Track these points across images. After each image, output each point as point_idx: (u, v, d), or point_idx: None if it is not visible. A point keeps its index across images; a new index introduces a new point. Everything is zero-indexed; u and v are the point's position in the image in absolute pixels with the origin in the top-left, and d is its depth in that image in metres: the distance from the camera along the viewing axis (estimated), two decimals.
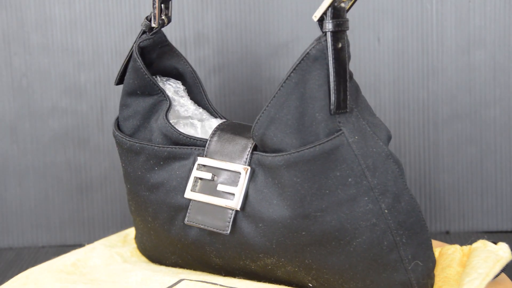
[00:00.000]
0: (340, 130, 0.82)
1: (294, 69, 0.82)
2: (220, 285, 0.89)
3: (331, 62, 0.81)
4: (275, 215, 0.84)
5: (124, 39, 1.20)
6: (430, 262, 0.85)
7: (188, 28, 1.19)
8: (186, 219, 0.90)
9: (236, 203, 0.87)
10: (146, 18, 0.97)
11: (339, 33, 0.81)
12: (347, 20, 0.82)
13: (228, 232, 0.87)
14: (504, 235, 1.20)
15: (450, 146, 1.20)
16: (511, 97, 1.19)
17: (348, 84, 0.82)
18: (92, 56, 1.20)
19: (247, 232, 0.87)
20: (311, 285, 0.87)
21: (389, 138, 0.85)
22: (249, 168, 0.86)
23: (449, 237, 1.20)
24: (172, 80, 0.99)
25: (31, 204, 1.23)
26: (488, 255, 0.90)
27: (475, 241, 0.97)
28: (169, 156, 0.91)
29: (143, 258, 1.01)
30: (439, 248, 0.95)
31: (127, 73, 0.96)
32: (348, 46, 0.82)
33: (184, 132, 0.92)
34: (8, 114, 1.21)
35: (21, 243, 1.24)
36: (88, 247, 1.03)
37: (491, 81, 1.19)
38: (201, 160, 0.89)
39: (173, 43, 1.19)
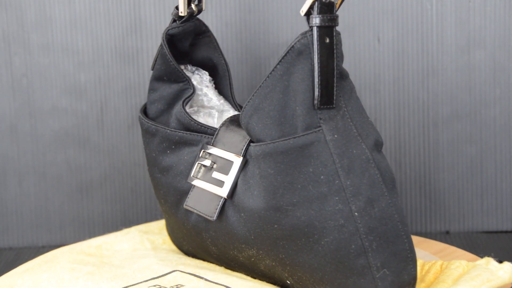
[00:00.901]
0: (319, 126, 0.82)
1: (280, 61, 0.82)
2: (206, 279, 0.91)
3: (316, 57, 0.81)
4: (252, 206, 0.85)
5: (124, 39, 1.20)
6: (405, 275, 0.82)
7: None
8: (185, 203, 0.92)
9: (224, 191, 0.88)
10: (176, 7, 0.98)
11: (326, 28, 0.81)
12: (337, 16, 0.81)
13: (214, 218, 0.89)
14: (504, 235, 1.20)
15: (450, 146, 1.20)
16: (511, 97, 1.19)
17: (336, 81, 0.82)
18: (92, 56, 1.20)
19: (232, 221, 0.88)
20: (288, 282, 0.88)
21: (377, 143, 0.84)
22: (241, 158, 0.87)
23: (449, 237, 1.20)
24: (201, 70, 1.00)
25: (31, 204, 1.23)
26: (480, 273, 0.86)
27: (484, 256, 0.95)
28: (180, 141, 0.93)
29: (173, 247, 1.03)
30: (441, 261, 0.92)
31: (157, 59, 0.98)
32: (340, 44, 0.82)
33: (203, 121, 0.94)
34: (8, 114, 1.21)
35: (21, 243, 1.24)
36: (123, 231, 1.06)
37: (491, 81, 1.19)
38: (207, 148, 0.90)
39: None
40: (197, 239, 0.95)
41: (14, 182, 1.23)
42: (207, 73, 1.00)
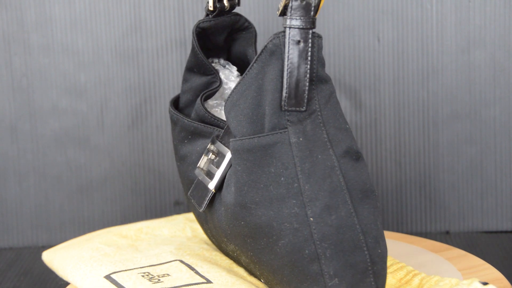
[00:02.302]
0: (286, 128, 0.81)
1: (255, 60, 0.83)
2: (196, 271, 0.92)
3: (286, 58, 0.81)
4: (228, 201, 0.86)
5: (124, 39, 1.20)
6: None
7: (188, 28, 1.19)
8: (189, 192, 0.93)
9: (213, 184, 0.89)
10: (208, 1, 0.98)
11: (300, 30, 0.81)
12: (313, 19, 0.81)
13: (202, 209, 0.90)
14: (504, 235, 1.20)
15: (450, 146, 1.20)
16: (511, 97, 1.19)
17: (312, 85, 0.82)
18: (92, 56, 1.20)
19: (218, 214, 0.89)
20: (262, 280, 0.88)
21: (350, 151, 0.82)
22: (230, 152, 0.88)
23: (449, 237, 1.20)
24: (231, 65, 1.00)
25: (31, 204, 1.23)
26: None
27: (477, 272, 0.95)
28: (195, 132, 0.94)
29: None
30: (437, 277, 0.92)
31: (190, 51, 0.99)
32: (318, 48, 0.82)
33: (223, 115, 0.95)
34: (8, 114, 1.21)
35: (21, 243, 1.24)
36: (170, 217, 1.08)
37: (491, 81, 1.19)
38: (215, 141, 0.91)
39: (173, 43, 1.19)
40: (203, 229, 0.97)
41: (14, 182, 1.23)
42: (235, 68, 1.00)
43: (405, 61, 1.19)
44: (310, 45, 0.81)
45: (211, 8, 0.97)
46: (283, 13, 0.82)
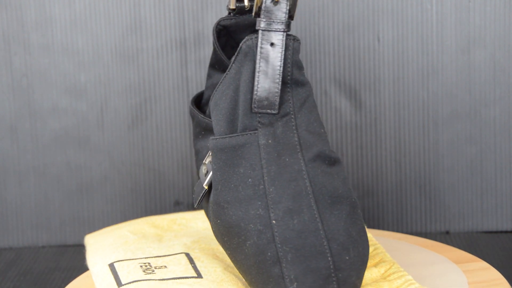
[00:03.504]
0: (256, 129, 0.82)
1: (233, 61, 0.83)
2: (193, 265, 0.93)
3: (258, 60, 0.81)
4: (210, 199, 0.87)
5: (124, 39, 1.20)
6: None
7: (188, 28, 1.19)
8: (194, 187, 0.95)
9: (205, 181, 0.89)
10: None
11: (273, 32, 0.81)
12: (286, 22, 0.81)
13: (195, 205, 0.91)
14: (504, 235, 1.20)
15: (450, 146, 1.20)
16: (511, 97, 1.19)
17: (286, 88, 0.82)
18: (92, 56, 1.20)
19: (207, 211, 0.90)
20: (244, 279, 0.89)
21: (321, 156, 0.82)
22: None
23: (449, 237, 1.20)
24: None
25: (31, 204, 1.23)
26: None
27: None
28: (207, 128, 0.94)
29: None
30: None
31: (212, 47, 1.00)
32: (293, 51, 0.82)
33: None
34: (8, 114, 1.21)
35: (21, 243, 1.24)
36: None
37: (491, 81, 1.19)
38: None
39: (173, 43, 1.19)
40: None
41: (14, 182, 1.23)
42: None
43: (405, 61, 1.19)
44: (283, 47, 0.81)
45: (232, 7, 0.97)
46: (257, 14, 0.82)
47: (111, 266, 0.95)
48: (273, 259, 0.81)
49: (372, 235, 1.03)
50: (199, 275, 0.91)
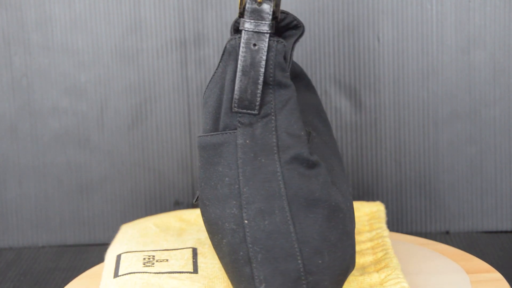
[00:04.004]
0: (235, 129, 0.82)
1: (220, 60, 0.83)
2: (194, 260, 0.94)
3: (240, 60, 0.81)
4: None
5: (124, 39, 1.20)
6: None
7: (188, 28, 1.19)
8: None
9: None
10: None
11: (255, 33, 0.81)
12: (270, 24, 0.81)
13: (193, 202, 0.92)
14: (504, 235, 1.20)
15: (450, 146, 1.20)
16: (511, 97, 1.19)
17: (268, 90, 0.82)
18: (92, 56, 1.20)
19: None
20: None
21: (298, 158, 0.81)
22: None
23: (449, 237, 1.20)
24: None
25: (31, 204, 1.23)
26: None
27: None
28: None
29: None
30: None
31: None
32: (277, 53, 0.82)
33: None
34: (8, 114, 1.21)
35: (21, 243, 1.24)
36: None
37: (491, 81, 1.19)
38: None
39: (173, 43, 1.19)
40: None
41: (14, 182, 1.23)
42: None
43: (405, 61, 1.19)
44: (265, 48, 0.81)
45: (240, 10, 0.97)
46: (242, 14, 0.82)
47: (118, 257, 0.96)
48: (244, 258, 0.81)
49: (396, 239, 1.03)
50: (195, 271, 0.91)
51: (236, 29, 0.96)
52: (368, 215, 1.06)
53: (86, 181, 1.22)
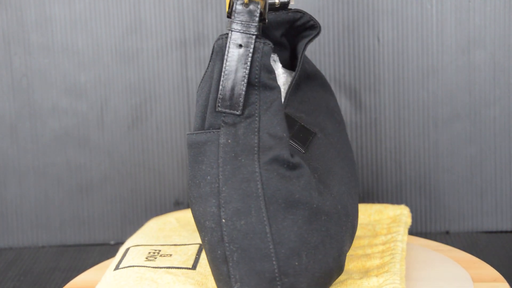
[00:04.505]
0: (219, 128, 0.82)
1: (210, 59, 0.84)
2: (197, 257, 0.95)
3: (226, 60, 0.82)
4: None
5: (124, 39, 1.20)
6: None
7: (188, 28, 1.19)
8: None
9: None
10: None
11: (242, 34, 0.81)
12: (258, 25, 0.81)
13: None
14: (503, 235, 1.20)
15: (450, 146, 1.20)
16: (511, 97, 1.19)
17: (253, 91, 0.82)
18: (92, 56, 1.20)
19: None
20: None
21: (278, 159, 0.81)
22: None
23: (449, 237, 1.20)
24: (277, 63, 1.00)
25: (31, 204, 1.23)
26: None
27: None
28: None
29: None
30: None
31: None
32: (263, 55, 0.82)
33: None
34: (8, 114, 1.21)
35: (21, 243, 1.24)
36: None
37: (491, 81, 1.19)
38: None
39: (173, 43, 1.19)
40: None
41: (14, 182, 1.23)
42: (280, 65, 1.00)
43: (405, 61, 1.19)
44: (251, 50, 0.81)
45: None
46: (229, 14, 0.82)
47: (127, 250, 0.98)
48: (222, 257, 0.81)
49: (418, 244, 1.03)
50: (193, 267, 0.92)
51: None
52: (391, 218, 1.06)
53: (86, 181, 1.22)
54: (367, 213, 1.08)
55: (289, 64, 0.97)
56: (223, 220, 0.81)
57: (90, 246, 1.23)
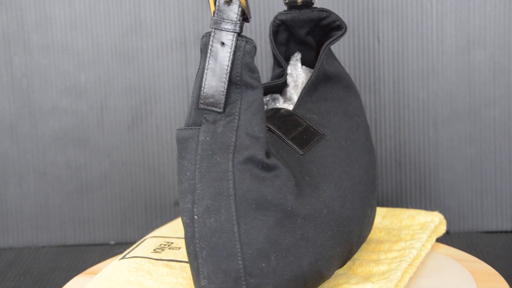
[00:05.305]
0: (200, 125, 0.83)
1: (200, 56, 0.84)
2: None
3: (208, 58, 0.82)
4: None
5: (124, 39, 1.20)
6: None
7: (188, 28, 1.19)
8: None
9: None
10: None
11: (223, 32, 0.82)
12: (238, 23, 0.82)
13: None
14: (504, 235, 1.20)
15: (450, 146, 1.20)
16: (511, 97, 1.19)
17: (235, 89, 0.82)
18: (92, 56, 1.20)
19: None
20: None
21: (253, 159, 0.81)
22: None
23: (449, 237, 1.20)
24: (298, 61, 1.00)
25: (31, 204, 1.23)
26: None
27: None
28: None
29: None
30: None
31: None
32: (245, 53, 0.82)
33: (272, 106, 0.97)
34: (8, 114, 1.21)
35: (21, 243, 1.24)
36: None
37: (491, 81, 1.19)
38: None
39: (173, 43, 1.19)
40: None
41: (14, 182, 1.23)
42: (300, 64, 1.00)
43: (405, 61, 1.19)
44: (232, 48, 0.82)
45: (285, 1, 0.98)
46: (214, 13, 0.83)
47: (144, 240, 1.00)
48: (194, 253, 0.82)
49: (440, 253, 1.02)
50: None
51: (278, 26, 0.98)
52: (421, 224, 1.05)
53: (86, 181, 1.23)
54: (400, 218, 1.07)
55: (315, 64, 0.97)
56: (196, 217, 0.81)
57: (90, 246, 1.23)
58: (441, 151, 1.20)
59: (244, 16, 0.82)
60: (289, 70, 0.98)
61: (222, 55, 0.82)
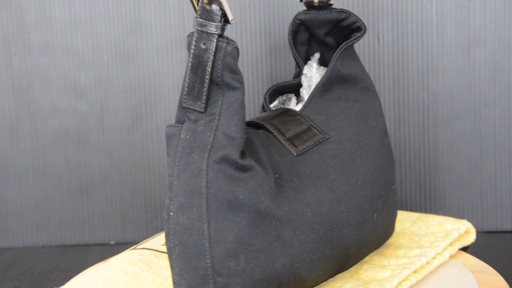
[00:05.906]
0: (183, 123, 0.84)
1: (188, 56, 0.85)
2: None
3: (190, 58, 0.83)
4: None
5: (124, 39, 1.20)
6: None
7: (188, 28, 1.19)
8: None
9: None
10: None
11: (204, 33, 0.82)
12: (219, 25, 0.82)
13: None
14: (504, 235, 1.20)
15: (450, 146, 1.20)
16: (511, 97, 1.19)
17: (217, 90, 0.83)
18: (92, 56, 1.20)
19: None
20: None
21: (227, 159, 0.82)
22: None
23: None
24: (315, 61, 1.00)
25: (31, 204, 1.23)
26: None
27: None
28: None
29: None
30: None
31: None
32: (226, 55, 0.82)
33: (286, 106, 0.98)
34: (8, 114, 1.21)
35: (21, 243, 1.24)
36: None
37: (491, 81, 1.19)
38: None
39: (173, 43, 1.19)
40: None
41: (14, 182, 1.23)
42: (315, 66, 1.00)
43: (405, 61, 1.19)
44: (213, 49, 0.82)
45: (302, 1, 0.99)
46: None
47: (160, 233, 1.02)
48: (169, 249, 0.83)
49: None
50: None
51: (298, 26, 0.98)
52: (446, 232, 1.02)
53: (86, 181, 1.23)
54: (428, 224, 1.05)
55: None
56: (171, 213, 0.82)
57: (90, 246, 1.23)
58: (441, 151, 1.20)
59: (225, 17, 0.82)
60: (305, 70, 0.98)
61: (203, 55, 0.83)
